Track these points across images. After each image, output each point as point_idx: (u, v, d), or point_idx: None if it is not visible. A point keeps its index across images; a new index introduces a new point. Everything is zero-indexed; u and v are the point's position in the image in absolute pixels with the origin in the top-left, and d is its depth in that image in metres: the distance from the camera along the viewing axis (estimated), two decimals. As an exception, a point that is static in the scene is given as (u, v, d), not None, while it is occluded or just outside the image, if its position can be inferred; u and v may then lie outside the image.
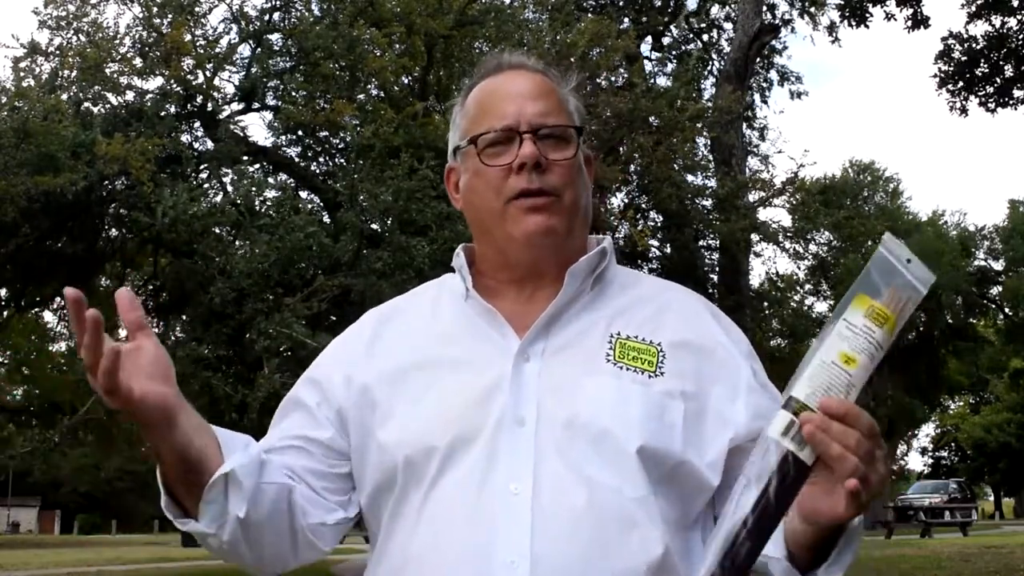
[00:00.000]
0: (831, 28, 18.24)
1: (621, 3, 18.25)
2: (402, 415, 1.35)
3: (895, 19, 12.85)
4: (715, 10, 20.11)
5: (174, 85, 11.85)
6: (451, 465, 1.29)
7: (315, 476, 1.39)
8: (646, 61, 18.05)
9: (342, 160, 12.92)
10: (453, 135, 1.49)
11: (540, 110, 1.40)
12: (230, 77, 12.74)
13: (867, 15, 13.17)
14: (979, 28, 12.63)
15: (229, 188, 12.16)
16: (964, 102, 12.77)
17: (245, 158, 12.24)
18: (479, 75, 1.49)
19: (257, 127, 62.20)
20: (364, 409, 1.38)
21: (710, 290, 15.63)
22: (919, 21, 12.53)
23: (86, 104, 11.96)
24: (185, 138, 12.53)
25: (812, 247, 18.92)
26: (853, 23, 13.33)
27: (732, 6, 19.31)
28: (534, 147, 1.37)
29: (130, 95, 12.03)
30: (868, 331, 1.12)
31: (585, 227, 1.44)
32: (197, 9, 12.02)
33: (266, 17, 12.74)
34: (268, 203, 11.98)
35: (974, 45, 12.64)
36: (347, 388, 1.40)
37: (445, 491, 1.28)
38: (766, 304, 17.69)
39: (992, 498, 62.98)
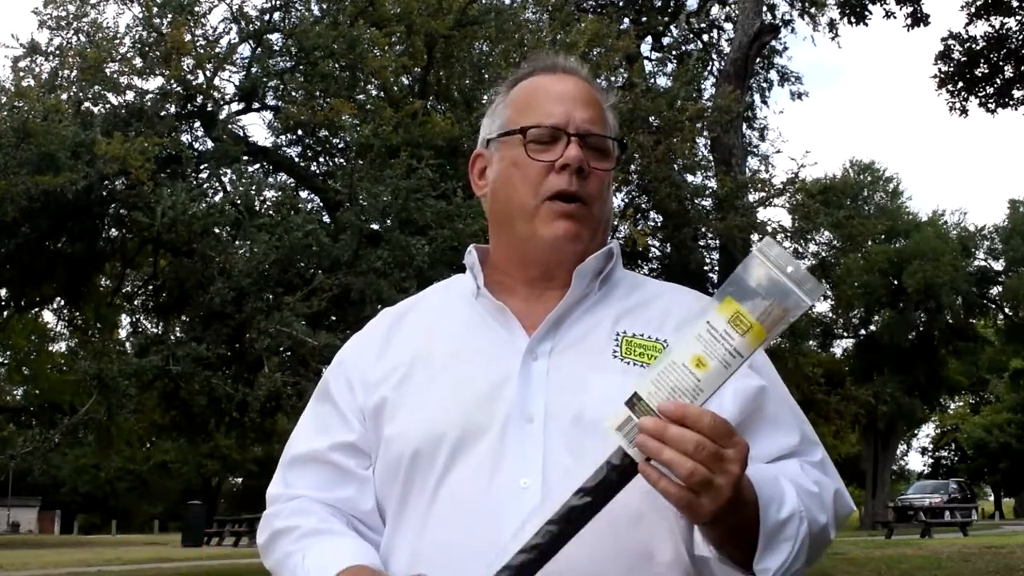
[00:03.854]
0: (831, 26, 18.22)
1: (621, 3, 18.24)
2: (410, 408, 1.37)
3: (894, 17, 12.86)
4: (715, 10, 20.12)
5: (174, 85, 11.84)
6: (459, 459, 1.30)
7: (371, 493, 1.42)
8: (646, 61, 18.05)
9: (342, 160, 12.92)
10: (490, 123, 1.51)
11: (588, 117, 1.42)
12: (230, 77, 12.74)
13: (866, 13, 13.17)
14: (979, 29, 12.64)
15: (229, 188, 12.15)
16: (964, 102, 12.78)
17: (245, 158, 12.22)
18: (529, 70, 1.51)
19: (257, 127, 62.16)
20: (376, 406, 1.40)
21: (710, 290, 15.55)
22: (918, 19, 12.54)
23: (86, 104, 11.95)
24: (185, 138, 12.53)
25: (812, 247, 18.90)
26: (852, 21, 13.33)
27: (732, 6, 19.30)
28: (580, 151, 1.39)
29: (130, 95, 12.02)
30: (727, 337, 1.09)
31: (604, 237, 1.47)
32: (197, 9, 11.99)
33: (266, 17, 12.72)
34: (268, 203, 11.99)
35: (974, 46, 12.65)
36: (363, 387, 1.42)
37: (454, 485, 1.30)
38: (766, 304, 17.62)
39: (992, 498, 62.98)
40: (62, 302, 14.71)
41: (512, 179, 1.43)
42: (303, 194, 13.27)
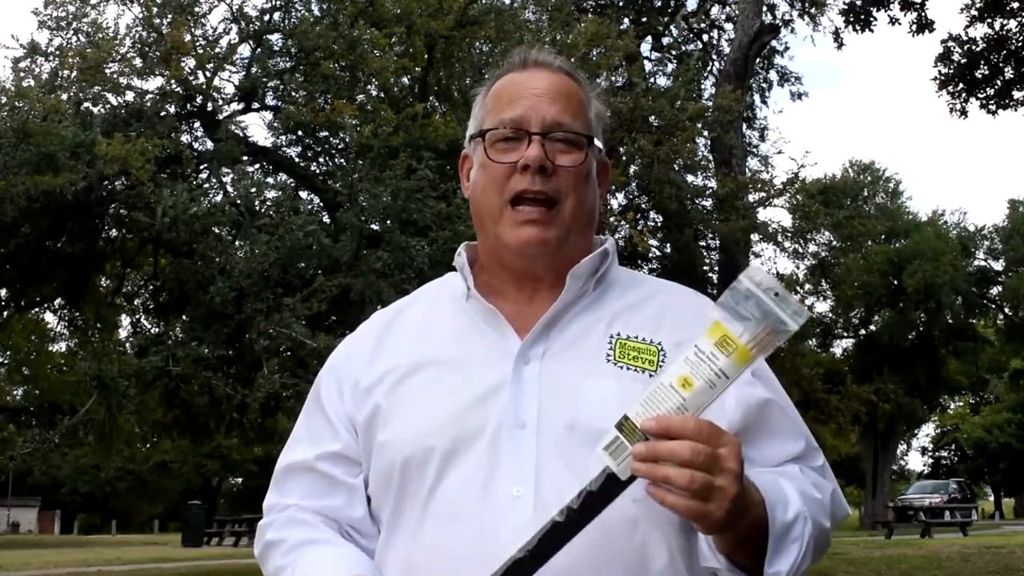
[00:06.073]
0: (836, 35, 18.14)
1: (621, 3, 18.25)
2: (402, 415, 1.35)
3: (899, 23, 12.83)
4: (715, 10, 20.12)
5: (174, 85, 11.85)
6: (451, 467, 1.29)
7: (361, 500, 1.41)
8: (646, 61, 18.04)
9: (342, 160, 12.92)
10: (471, 124, 1.48)
11: (555, 112, 1.38)
12: (230, 77, 12.74)
13: (871, 19, 13.15)
14: (979, 30, 12.63)
15: (229, 188, 12.15)
16: (964, 104, 12.77)
17: (245, 158, 12.22)
18: (505, 68, 1.47)
19: (257, 127, 62.08)
20: (369, 413, 1.38)
21: (710, 290, 15.63)
22: (924, 25, 12.51)
23: (86, 104, 11.95)
24: (185, 138, 12.55)
25: (812, 247, 18.89)
26: (858, 28, 13.29)
27: (732, 6, 19.31)
28: (541, 150, 1.35)
29: (130, 95, 12.04)
30: (712, 359, 1.12)
31: (588, 231, 1.43)
32: (197, 9, 12.01)
33: (266, 17, 12.72)
34: (268, 203, 11.98)
35: (974, 47, 12.64)
36: (354, 392, 1.41)
37: (447, 494, 1.28)
38: (766, 304, 17.62)
39: (992, 498, 62.96)
40: (62, 302, 14.71)
41: (479, 181, 1.41)
42: (303, 194, 13.27)
